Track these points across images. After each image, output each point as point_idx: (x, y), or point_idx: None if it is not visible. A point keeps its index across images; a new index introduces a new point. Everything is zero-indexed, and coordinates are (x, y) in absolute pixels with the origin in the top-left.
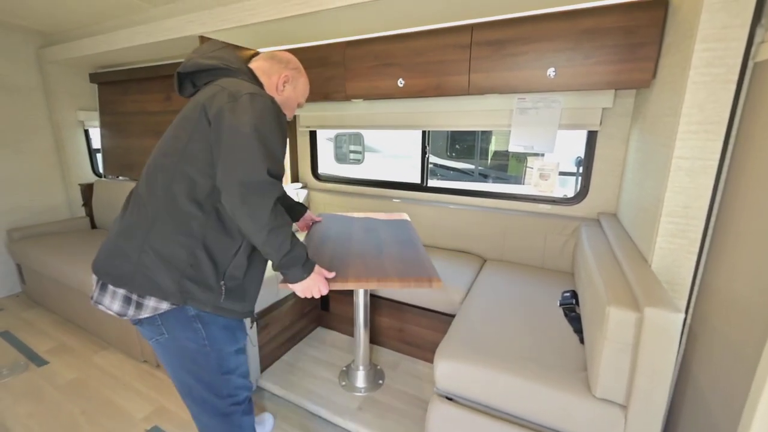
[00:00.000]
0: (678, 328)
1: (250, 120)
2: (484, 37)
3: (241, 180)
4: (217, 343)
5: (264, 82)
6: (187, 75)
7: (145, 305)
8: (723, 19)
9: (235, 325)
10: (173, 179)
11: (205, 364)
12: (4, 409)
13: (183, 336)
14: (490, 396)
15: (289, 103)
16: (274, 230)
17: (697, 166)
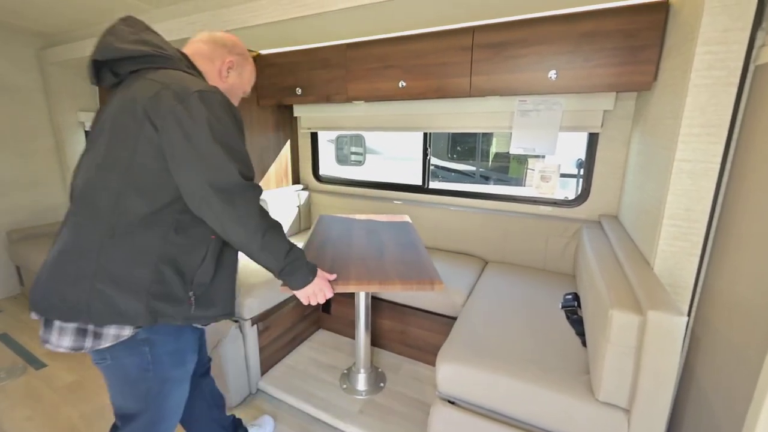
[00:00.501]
0: (681, 331)
1: (206, 123)
2: (485, 39)
3: (217, 189)
4: (162, 368)
5: (204, 69)
6: (105, 62)
7: (105, 334)
8: (724, 22)
9: (186, 347)
10: (121, 196)
11: (144, 389)
12: (2, 412)
13: (128, 361)
14: (492, 399)
15: (234, 91)
16: (270, 231)
17: (698, 168)
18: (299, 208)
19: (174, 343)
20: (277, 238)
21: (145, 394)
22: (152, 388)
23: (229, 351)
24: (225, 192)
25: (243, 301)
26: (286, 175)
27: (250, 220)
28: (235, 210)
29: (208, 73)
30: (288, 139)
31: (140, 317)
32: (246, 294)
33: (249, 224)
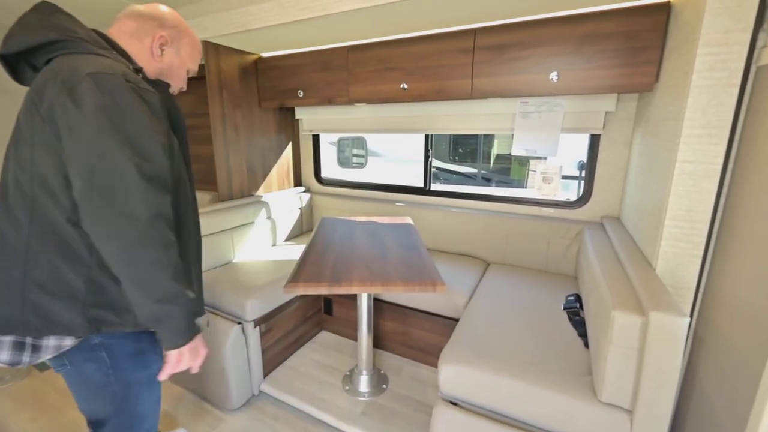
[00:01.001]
0: (684, 332)
1: (96, 112)
2: (486, 41)
3: (99, 188)
4: (124, 373)
5: (131, 50)
6: (18, 57)
7: (45, 346)
8: (725, 23)
9: (146, 348)
10: (36, 200)
11: (109, 395)
12: (6, 414)
13: (87, 367)
14: (494, 400)
15: (174, 71)
16: (150, 252)
17: (700, 169)
18: (301, 210)
19: (133, 345)
20: (159, 270)
21: (111, 400)
22: (117, 393)
23: (232, 353)
24: (109, 193)
25: (245, 302)
26: (287, 178)
27: (126, 233)
28: (110, 216)
29: (138, 54)
30: (290, 141)
31: (79, 328)
32: (248, 296)
33: (121, 238)
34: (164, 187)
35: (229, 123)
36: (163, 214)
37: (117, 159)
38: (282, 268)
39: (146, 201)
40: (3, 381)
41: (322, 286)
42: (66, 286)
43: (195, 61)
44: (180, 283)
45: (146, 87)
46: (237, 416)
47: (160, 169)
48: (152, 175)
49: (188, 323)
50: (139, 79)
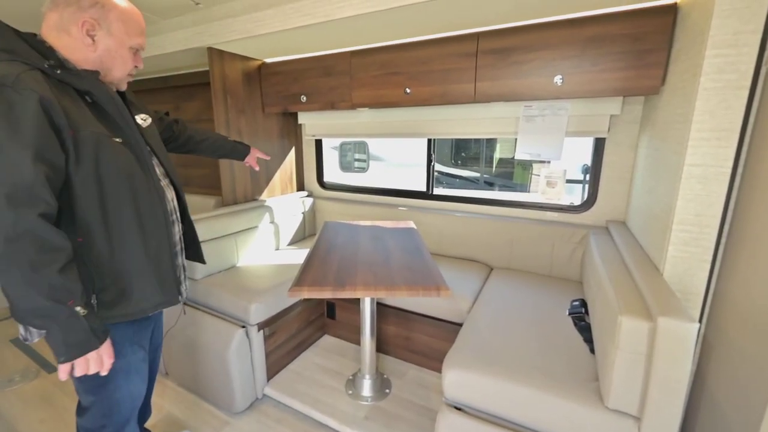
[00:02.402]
0: (693, 337)
1: None
2: (489, 45)
3: None
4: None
5: (62, 45)
6: None
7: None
8: (734, 25)
9: (121, 340)
10: None
11: (88, 384)
12: (16, 414)
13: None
14: (499, 406)
15: (116, 54)
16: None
17: (709, 173)
18: (304, 214)
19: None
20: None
21: (91, 387)
22: (94, 380)
23: (236, 356)
24: None
25: (249, 306)
26: (290, 182)
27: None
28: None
29: (71, 49)
30: (293, 146)
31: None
32: (252, 299)
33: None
34: (28, 202)
35: (233, 128)
36: (29, 229)
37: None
38: (285, 272)
39: (1, 220)
40: (12, 382)
41: (326, 289)
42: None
43: (134, 33)
44: (58, 301)
45: (26, 87)
46: (241, 419)
47: (20, 180)
48: (12, 191)
49: (67, 340)
50: (27, 79)
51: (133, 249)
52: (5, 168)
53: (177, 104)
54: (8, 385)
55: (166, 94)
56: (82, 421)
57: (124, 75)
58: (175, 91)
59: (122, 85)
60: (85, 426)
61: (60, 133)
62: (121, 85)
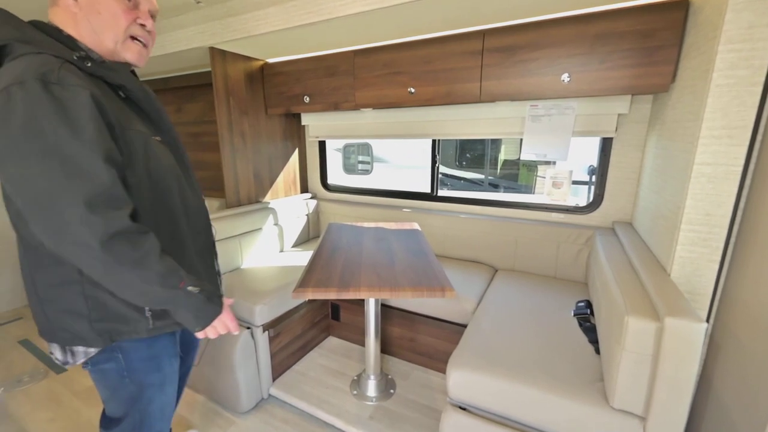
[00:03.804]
0: (700, 338)
1: (15, 136)
2: (495, 43)
3: (44, 223)
4: (137, 374)
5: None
6: None
7: (77, 351)
8: (749, 19)
9: (161, 353)
10: (18, 228)
11: (124, 395)
12: (25, 414)
13: (106, 367)
14: (504, 406)
15: (101, 7)
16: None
17: (719, 172)
18: (308, 216)
19: (147, 350)
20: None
21: (126, 399)
22: (131, 394)
23: (241, 357)
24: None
25: (254, 308)
26: (294, 184)
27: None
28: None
29: (64, 23)
30: (296, 147)
31: (93, 341)
32: (257, 301)
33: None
34: (112, 202)
35: (236, 130)
36: (119, 230)
37: (44, 189)
38: (290, 273)
39: (90, 228)
40: (21, 383)
41: (331, 291)
42: (69, 304)
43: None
44: (171, 286)
45: (73, 83)
46: (247, 419)
47: (99, 185)
48: (91, 196)
49: (198, 314)
50: (67, 75)
51: (184, 253)
52: (81, 174)
53: (179, 106)
54: (17, 386)
55: (168, 95)
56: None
57: (118, 37)
58: (176, 92)
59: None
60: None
61: (113, 131)
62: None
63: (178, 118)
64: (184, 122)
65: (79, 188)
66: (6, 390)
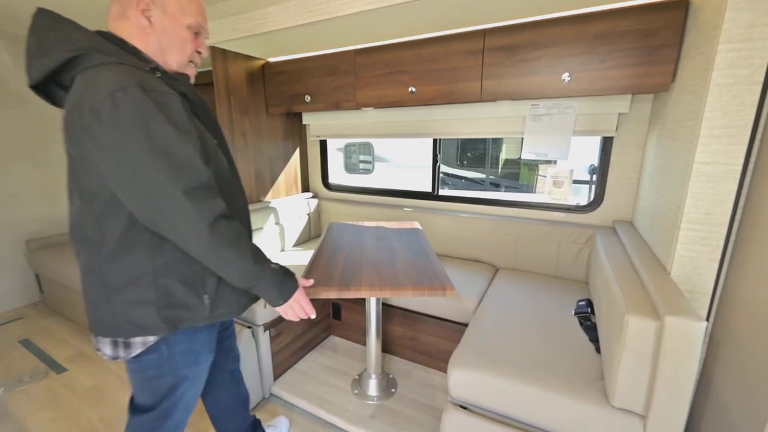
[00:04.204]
0: (700, 337)
1: (124, 135)
2: (496, 42)
3: (153, 213)
4: (175, 367)
5: (128, 34)
6: (46, 81)
7: (133, 343)
8: (749, 18)
9: (200, 348)
10: (99, 222)
11: (159, 388)
12: (26, 414)
13: (146, 358)
14: (504, 405)
15: (173, 34)
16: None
17: (719, 171)
18: (309, 216)
19: (188, 344)
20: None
21: (161, 391)
22: (167, 386)
23: (243, 356)
24: (163, 216)
25: (255, 307)
26: (295, 183)
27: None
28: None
29: (134, 36)
30: (297, 147)
31: (160, 328)
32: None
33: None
34: (210, 191)
35: (237, 129)
36: (220, 214)
37: (157, 182)
38: None
39: (198, 214)
40: (21, 382)
41: (332, 290)
42: (139, 294)
43: (191, 11)
44: (260, 263)
45: (164, 89)
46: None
47: (201, 177)
48: (195, 187)
49: (280, 288)
50: (156, 83)
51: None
52: (186, 168)
53: None
54: (18, 385)
55: None
56: (136, 420)
57: (182, 61)
58: None
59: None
60: (138, 423)
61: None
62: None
63: None
64: None
65: (186, 180)
66: (6, 390)
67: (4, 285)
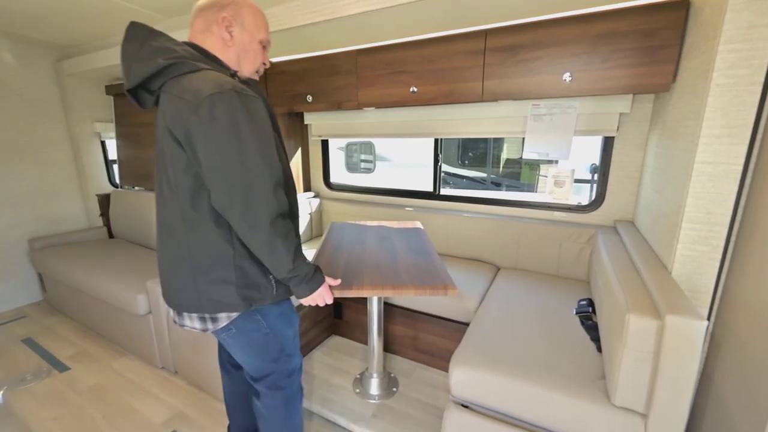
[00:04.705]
0: (701, 336)
1: (225, 130)
2: (497, 42)
3: (238, 202)
4: (277, 330)
5: (211, 46)
6: (137, 87)
7: (219, 318)
8: (748, 19)
9: (288, 310)
10: (189, 209)
11: (270, 350)
12: (29, 413)
13: (248, 328)
14: (506, 404)
15: (249, 47)
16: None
17: (720, 170)
18: (311, 215)
19: (278, 308)
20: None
21: (270, 352)
22: (275, 345)
23: None
24: (246, 204)
25: None
26: (297, 183)
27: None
28: (253, 222)
29: (215, 49)
30: (299, 146)
31: (237, 306)
32: None
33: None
34: (281, 187)
35: None
36: (283, 210)
37: (253, 175)
38: None
39: (271, 206)
40: (24, 381)
41: (334, 289)
42: (221, 274)
43: (263, 28)
44: (298, 258)
45: (251, 93)
46: None
47: (279, 173)
48: (276, 181)
49: (309, 282)
50: (244, 87)
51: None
52: (269, 164)
53: None
54: (20, 384)
55: None
56: (262, 388)
57: (253, 71)
58: None
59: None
60: (268, 386)
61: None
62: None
63: None
64: None
65: (269, 175)
66: (9, 388)
67: (7, 284)
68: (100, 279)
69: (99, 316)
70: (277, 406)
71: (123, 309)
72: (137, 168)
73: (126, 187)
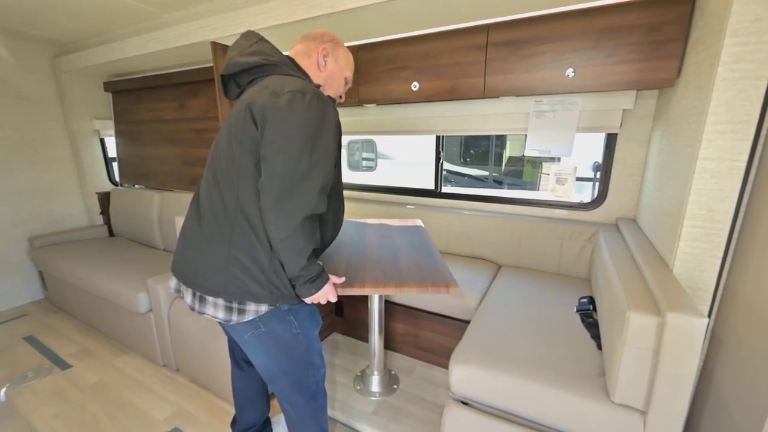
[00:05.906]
0: (701, 333)
1: (299, 123)
2: (500, 37)
3: (284, 189)
4: (306, 330)
5: (305, 65)
6: (230, 76)
7: (247, 310)
8: (755, 11)
9: (315, 310)
10: (240, 192)
11: (297, 350)
12: (31, 410)
13: (279, 328)
14: (506, 401)
15: (336, 77)
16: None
17: (723, 167)
18: None
19: (308, 307)
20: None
21: (296, 352)
22: (302, 346)
23: None
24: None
25: None
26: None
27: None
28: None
29: (309, 68)
30: None
31: (264, 299)
32: None
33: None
34: (325, 193)
35: None
36: (320, 212)
37: (309, 171)
38: None
39: (308, 206)
40: (26, 379)
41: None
42: (256, 264)
43: (350, 67)
44: (312, 261)
45: (329, 100)
46: None
47: (329, 181)
48: (324, 186)
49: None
50: (325, 96)
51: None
52: (325, 167)
53: (181, 102)
54: (22, 381)
55: (170, 92)
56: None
57: (335, 98)
58: (178, 88)
59: None
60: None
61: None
62: None
63: (180, 115)
64: (186, 119)
65: (321, 176)
66: (11, 386)
67: (8, 283)
68: (100, 277)
69: (100, 314)
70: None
71: (124, 307)
72: (137, 166)
73: (126, 185)
